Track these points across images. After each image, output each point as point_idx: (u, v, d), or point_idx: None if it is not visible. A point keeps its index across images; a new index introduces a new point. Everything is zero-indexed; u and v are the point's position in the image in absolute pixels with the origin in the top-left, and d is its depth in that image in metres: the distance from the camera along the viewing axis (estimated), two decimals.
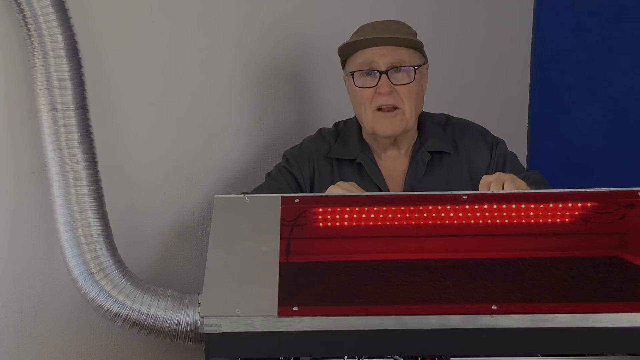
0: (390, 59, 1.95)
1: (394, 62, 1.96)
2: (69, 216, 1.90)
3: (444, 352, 1.44)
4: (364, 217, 1.67)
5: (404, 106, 1.97)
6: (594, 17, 2.82)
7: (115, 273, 1.93)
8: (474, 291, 1.47)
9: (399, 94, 1.96)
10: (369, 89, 1.97)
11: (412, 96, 1.97)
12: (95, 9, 2.05)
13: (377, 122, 1.99)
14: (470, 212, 1.65)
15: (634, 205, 1.64)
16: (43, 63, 1.86)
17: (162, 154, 2.24)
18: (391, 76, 1.95)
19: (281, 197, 1.68)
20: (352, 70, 2.00)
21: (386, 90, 1.95)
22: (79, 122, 1.91)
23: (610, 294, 1.47)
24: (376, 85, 1.96)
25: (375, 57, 1.96)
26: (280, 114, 2.47)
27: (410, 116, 1.99)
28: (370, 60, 1.96)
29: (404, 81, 1.96)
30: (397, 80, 1.96)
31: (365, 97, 1.98)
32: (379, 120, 1.98)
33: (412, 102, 1.98)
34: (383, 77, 1.95)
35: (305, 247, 1.64)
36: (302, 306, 1.43)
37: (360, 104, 2.01)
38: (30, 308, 2.05)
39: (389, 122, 1.98)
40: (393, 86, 1.95)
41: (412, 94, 1.97)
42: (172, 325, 1.92)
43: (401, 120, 1.98)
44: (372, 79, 1.96)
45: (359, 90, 1.99)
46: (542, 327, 1.41)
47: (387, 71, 1.95)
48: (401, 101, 1.97)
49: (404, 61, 1.96)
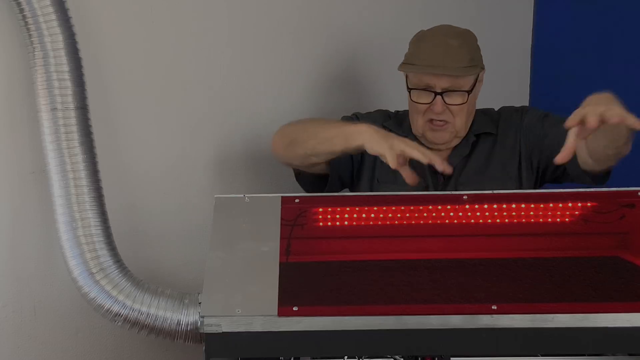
0: (446, 85, 2.00)
1: (449, 87, 2.01)
2: (69, 216, 1.90)
3: (444, 352, 1.44)
4: (364, 217, 1.67)
5: (454, 121, 2.03)
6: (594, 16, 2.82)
7: (115, 273, 1.93)
8: (474, 291, 1.47)
9: (451, 112, 2.02)
10: (423, 105, 2.03)
11: (463, 112, 2.03)
12: (95, 9, 2.05)
13: (428, 132, 2.05)
14: (470, 212, 1.65)
15: (634, 205, 1.64)
16: (43, 63, 1.86)
17: (162, 154, 2.24)
18: (446, 97, 2.01)
19: (281, 197, 1.69)
20: (411, 86, 2.05)
21: (440, 110, 2.01)
22: (79, 122, 1.91)
23: (610, 294, 1.47)
24: (431, 103, 2.01)
25: (433, 81, 2.00)
26: (281, 114, 2.46)
27: (461, 128, 2.05)
28: (427, 82, 2.01)
29: (457, 102, 2.02)
30: (451, 100, 2.01)
31: (419, 111, 2.04)
32: (429, 131, 2.05)
33: (462, 117, 2.04)
34: (438, 97, 2.00)
35: (305, 247, 1.65)
36: (302, 306, 1.43)
37: (414, 113, 2.07)
38: (30, 308, 2.05)
39: (439, 135, 2.05)
40: (446, 105, 2.01)
41: (464, 111, 2.03)
42: (172, 325, 1.92)
43: (451, 132, 2.05)
44: (428, 96, 2.01)
45: (415, 105, 2.05)
46: (542, 327, 1.41)
47: (442, 93, 2.00)
48: (452, 117, 2.03)
49: (459, 85, 2.02)
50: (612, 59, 2.77)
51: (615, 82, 2.75)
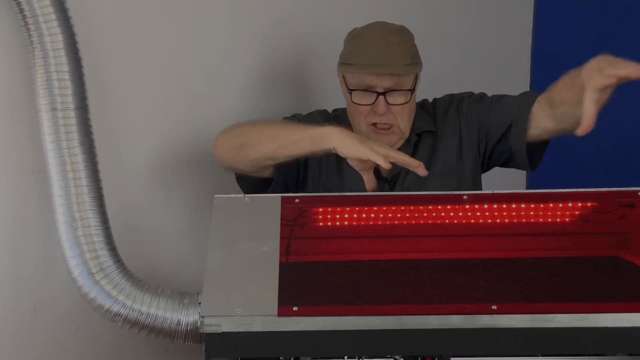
0: (388, 84, 1.96)
1: (392, 86, 1.96)
2: (69, 216, 1.90)
3: (444, 352, 1.44)
4: (364, 217, 1.67)
5: (397, 122, 1.99)
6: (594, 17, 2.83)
7: (115, 273, 1.93)
8: (474, 291, 1.47)
9: (393, 113, 1.98)
10: (365, 107, 1.98)
11: (406, 112, 1.99)
12: (95, 9, 2.05)
13: (371, 136, 1.99)
14: (470, 212, 1.65)
15: (634, 205, 1.64)
16: (43, 63, 1.86)
17: (162, 153, 2.24)
18: (388, 97, 1.96)
19: (281, 197, 1.69)
20: (350, 87, 2.00)
21: (383, 111, 1.97)
22: (79, 122, 1.91)
23: (610, 294, 1.47)
24: (373, 104, 1.97)
25: (374, 81, 1.96)
26: (280, 114, 2.46)
27: (405, 128, 2.02)
28: (368, 82, 1.97)
29: (399, 102, 1.97)
30: (393, 100, 1.97)
31: (361, 112, 1.99)
32: (373, 135, 2.00)
33: (405, 117, 2.00)
34: (380, 98, 1.96)
35: (305, 247, 1.64)
36: (302, 306, 1.43)
37: (355, 115, 2.02)
38: (30, 308, 2.05)
39: (386, 139, 1.99)
40: (389, 106, 1.97)
41: (406, 110, 1.99)
42: (172, 325, 1.92)
43: (396, 134, 2.01)
44: (370, 97, 1.97)
45: (356, 106, 2.00)
46: (542, 327, 1.41)
47: (385, 93, 1.96)
48: (395, 118, 1.99)
49: (401, 84, 1.97)
50: None
51: None
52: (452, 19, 2.90)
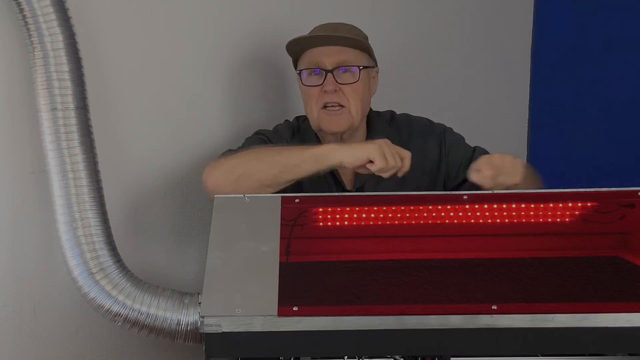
0: (336, 59, 1.99)
1: (339, 62, 1.99)
2: (69, 216, 1.90)
3: (444, 352, 1.44)
4: (364, 217, 1.67)
5: (349, 105, 2.00)
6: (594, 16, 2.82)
7: (115, 273, 1.93)
8: (474, 291, 1.47)
9: (345, 93, 1.99)
10: (315, 87, 2.01)
11: (357, 95, 2.00)
12: (95, 9, 2.05)
13: (323, 119, 2.02)
14: (470, 212, 1.65)
15: (634, 205, 1.64)
16: (43, 63, 1.86)
17: (162, 153, 2.24)
18: (337, 75, 1.99)
19: (281, 197, 1.69)
20: (300, 68, 2.04)
21: (331, 89, 1.98)
22: (79, 122, 1.91)
23: (610, 294, 1.47)
24: (322, 84, 1.99)
25: (322, 57, 2.00)
26: (280, 113, 2.47)
27: (356, 114, 2.02)
28: (317, 59, 2.00)
29: (349, 80, 2.00)
30: (342, 79, 1.99)
31: (312, 95, 2.02)
32: (325, 117, 2.01)
33: (357, 101, 2.01)
34: (329, 76, 1.99)
35: (305, 247, 1.64)
36: (302, 306, 1.43)
37: (308, 102, 2.04)
38: (30, 308, 2.05)
39: (334, 120, 2.01)
40: (338, 85, 1.99)
41: (358, 93, 2.01)
42: (172, 325, 1.92)
43: (347, 118, 2.01)
44: (319, 78, 2.00)
45: (307, 89, 2.03)
46: (542, 327, 1.41)
47: (333, 70, 1.99)
48: (346, 100, 2.00)
49: (349, 61, 2.00)
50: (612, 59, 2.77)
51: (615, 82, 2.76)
52: (452, 19, 2.90)
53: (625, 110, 2.73)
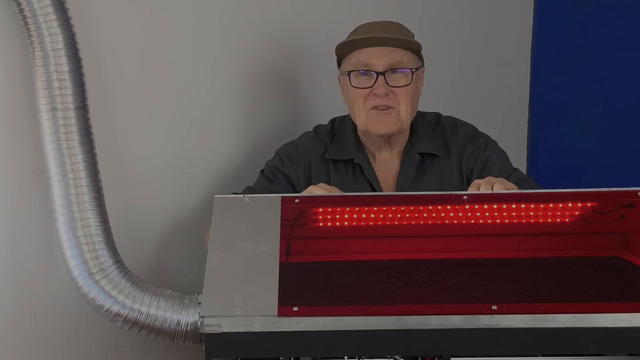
0: (387, 60, 1.94)
1: (391, 63, 1.94)
2: (69, 216, 1.90)
3: (444, 352, 1.44)
4: (363, 217, 1.67)
5: (399, 107, 1.96)
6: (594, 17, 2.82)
7: (115, 273, 1.93)
8: (474, 291, 1.47)
9: (395, 95, 1.95)
10: (364, 89, 1.95)
11: (408, 97, 1.95)
12: (95, 9, 2.05)
13: (371, 120, 1.97)
14: (470, 212, 1.65)
15: (634, 205, 1.64)
16: (43, 63, 1.86)
17: (162, 154, 2.24)
18: (388, 77, 1.94)
19: (281, 197, 1.68)
20: (348, 69, 1.98)
21: (382, 92, 1.93)
22: (79, 122, 1.91)
23: (610, 294, 1.47)
24: (372, 86, 1.94)
25: (373, 58, 1.94)
26: (279, 113, 2.47)
27: (406, 116, 1.98)
28: (367, 61, 1.95)
29: (400, 83, 1.94)
30: (394, 81, 1.94)
31: (360, 96, 1.96)
32: (373, 118, 1.96)
33: (407, 103, 1.96)
34: (380, 78, 1.93)
35: (305, 247, 1.64)
36: (302, 306, 1.43)
37: (355, 103, 1.99)
38: (30, 308, 2.05)
39: (383, 121, 1.96)
40: (390, 87, 1.94)
41: (408, 95, 1.96)
42: (172, 325, 1.92)
43: (396, 119, 1.97)
44: (369, 80, 1.94)
45: (355, 90, 1.97)
46: (542, 327, 1.41)
47: (384, 72, 1.93)
48: (397, 102, 1.95)
49: (402, 63, 1.95)
50: (612, 59, 2.77)
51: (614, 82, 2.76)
52: (452, 19, 2.90)
53: (625, 110, 2.72)
